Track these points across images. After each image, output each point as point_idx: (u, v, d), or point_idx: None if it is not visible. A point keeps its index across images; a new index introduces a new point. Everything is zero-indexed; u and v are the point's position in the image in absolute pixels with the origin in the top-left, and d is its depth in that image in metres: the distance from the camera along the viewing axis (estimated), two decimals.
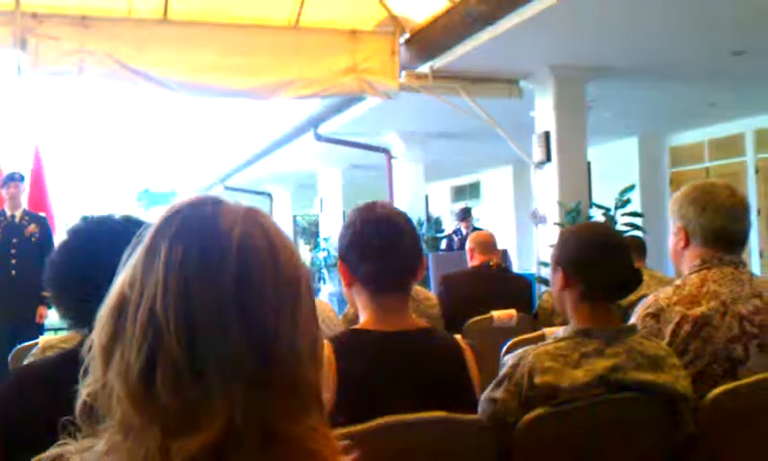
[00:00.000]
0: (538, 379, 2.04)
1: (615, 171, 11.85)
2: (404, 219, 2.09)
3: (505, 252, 9.61)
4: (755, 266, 11.02)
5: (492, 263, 4.98)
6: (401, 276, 2.05)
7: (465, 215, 11.87)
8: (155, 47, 6.59)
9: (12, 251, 6.33)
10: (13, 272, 6.35)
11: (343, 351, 1.92)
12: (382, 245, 2.01)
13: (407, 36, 7.22)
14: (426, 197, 13.12)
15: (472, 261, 5.09)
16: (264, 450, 0.85)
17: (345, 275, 2.07)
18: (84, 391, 0.90)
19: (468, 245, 5.22)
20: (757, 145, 11.21)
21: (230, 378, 0.84)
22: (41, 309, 6.12)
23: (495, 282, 4.92)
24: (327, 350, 1.88)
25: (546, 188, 7.86)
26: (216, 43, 6.77)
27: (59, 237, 6.48)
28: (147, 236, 0.91)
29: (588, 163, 8.07)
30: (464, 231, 11.46)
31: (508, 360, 2.16)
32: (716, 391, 2.17)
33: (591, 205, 7.81)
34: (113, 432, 0.87)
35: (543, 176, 7.91)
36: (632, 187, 7.67)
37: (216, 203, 0.93)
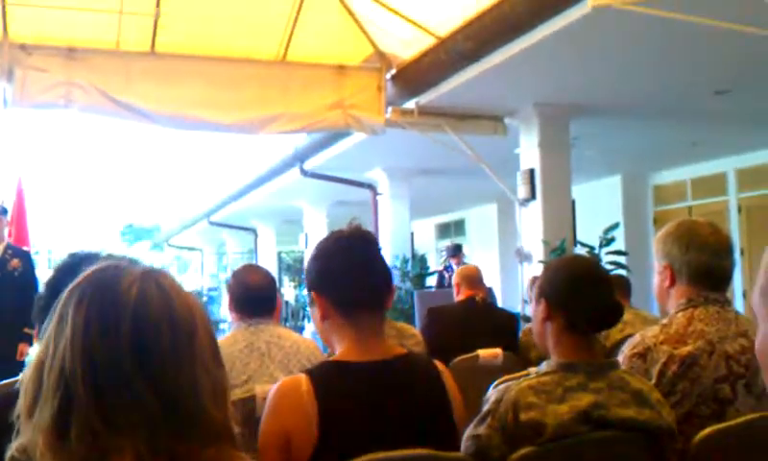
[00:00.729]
0: (523, 416, 2.03)
1: (599, 209, 11.94)
2: (374, 238, 2.10)
3: (490, 289, 9.61)
4: (738, 306, 11.07)
5: (477, 298, 5.00)
6: (377, 291, 2.04)
7: (456, 251, 11.93)
8: (142, 80, 6.59)
9: None
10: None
11: (324, 387, 1.88)
12: (356, 262, 2.01)
13: (393, 71, 7.26)
14: (411, 234, 13.12)
15: (458, 295, 5.11)
16: None
17: (320, 306, 2.05)
18: (13, 447, 1.03)
19: (454, 279, 5.24)
20: (740, 184, 11.33)
21: (136, 423, 0.97)
22: (22, 346, 5.91)
23: (481, 316, 4.93)
24: (305, 385, 1.86)
25: (531, 226, 7.89)
26: (203, 77, 6.78)
27: (41, 272, 6.38)
28: (58, 306, 1.05)
29: (573, 201, 8.12)
30: (455, 268, 11.49)
31: (491, 396, 2.15)
32: (705, 432, 2.15)
33: (576, 243, 7.84)
34: None
35: (528, 213, 7.94)
36: (616, 225, 7.73)
37: (117, 268, 1.08)
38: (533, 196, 7.78)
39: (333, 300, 2.02)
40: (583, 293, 2.20)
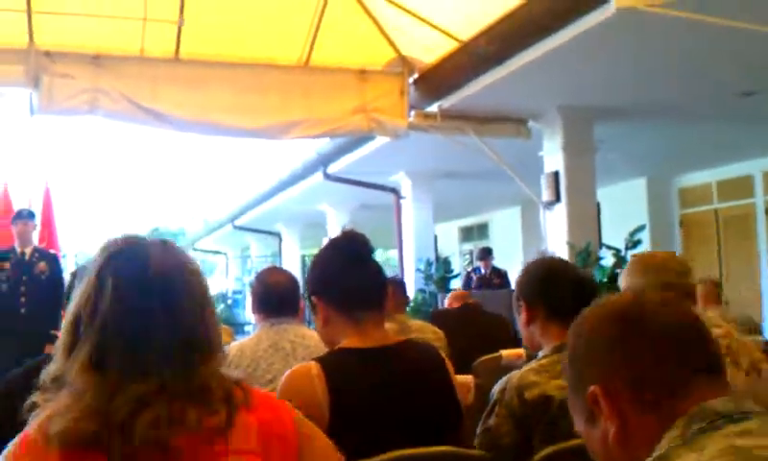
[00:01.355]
0: (528, 395, 2.13)
1: (624, 212, 11.82)
2: (366, 240, 2.20)
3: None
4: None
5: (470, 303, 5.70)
6: (373, 289, 2.14)
7: (485, 255, 11.86)
8: (166, 86, 6.64)
9: (22, 288, 6.20)
10: (23, 310, 6.21)
11: (333, 371, 1.94)
12: (351, 263, 2.12)
13: (416, 76, 7.26)
14: (435, 237, 13.09)
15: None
16: (188, 399, 1.22)
17: (321, 310, 2.14)
18: (47, 374, 1.26)
19: (447, 300, 5.90)
20: (767, 186, 11.17)
21: (160, 353, 1.21)
22: (49, 348, 5.97)
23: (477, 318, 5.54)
24: (315, 370, 1.93)
25: (556, 229, 7.84)
26: (227, 82, 6.82)
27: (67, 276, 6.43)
28: (93, 267, 1.29)
29: (598, 204, 8.06)
30: (482, 271, 11.49)
31: (495, 389, 2.27)
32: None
33: (601, 245, 7.78)
34: (71, 392, 1.21)
35: (553, 216, 7.90)
36: (642, 228, 7.66)
37: (141, 237, 1.35)
38: (557, 199, 7.74)
39: (333, 301, 2.11)
40: (554, 280, 2.35)
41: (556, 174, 7.74)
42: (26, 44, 6.29)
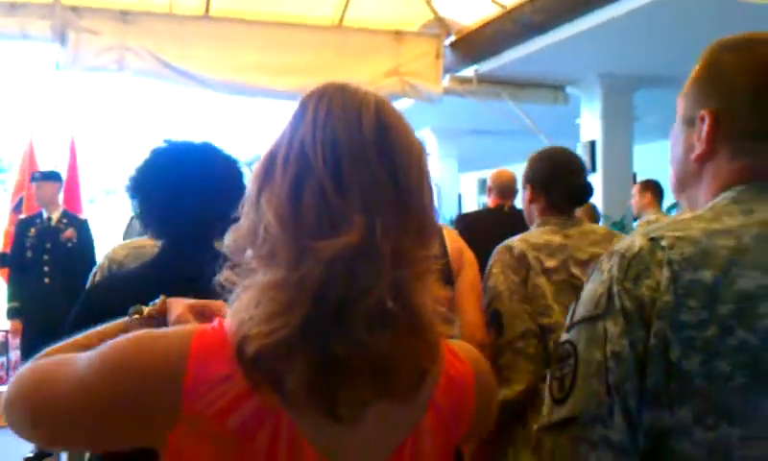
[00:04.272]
0: (515, 251, 2.55)
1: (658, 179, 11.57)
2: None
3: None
4: None
5: (506, 207, 5.08)
6: None
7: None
8: (195, 44, 6.43)
9: (45, 257, 5.84)
10: (47, 280, 5.82)
11: None
12: None
13: (452, 38, 7.01)
14: (459, 195, 12.91)
15: (488, 200, 5.19)
16: (393, 267, 0.95)
17: None
18: (230, 238, 1.03)
19: (488, 182, 5.24)
20: None
21: (370, 200, 0.96)
22: None
23: (509, 224, 4.90)
24: None
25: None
26: (258, 41, 6.59)
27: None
28: (296, 110, 1.05)
29: (634, 174, 7.85)
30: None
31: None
32: None
33: (636, 218, 7.60)
34: (260, 264, 0.99)
35: None
36: (676, 205, 7.47)
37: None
38: (593, 168, 7.54)
39: None
40: (559, 176, 2.63)
41: (593, 143, 7.53)
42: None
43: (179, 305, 1.23)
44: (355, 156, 0.98)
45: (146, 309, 1.25)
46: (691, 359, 1.03)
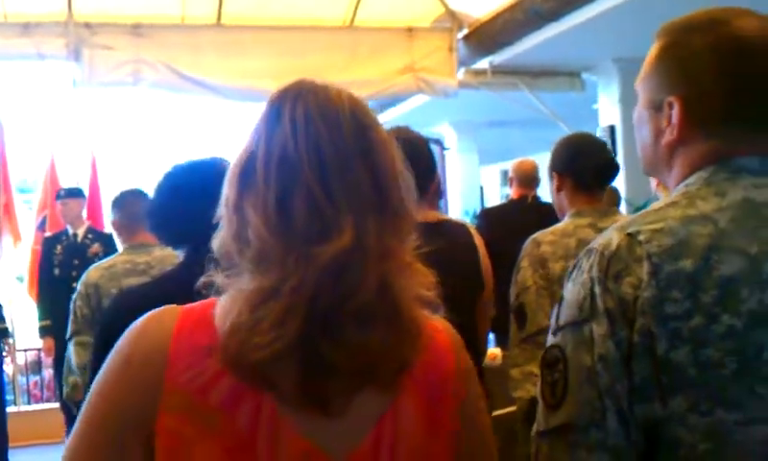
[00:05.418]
0: (543, 246, 2.63)
1: None
2: (419, 136, 2.44)
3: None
4: None
5: (530, 198, 5.04)
6: (421, 179, 2.41)
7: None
8: (209, 53, 6.47)
9: (74, 273, 5.68)
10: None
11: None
12: (404, 154, 2.32)
13: (465, 31, 6.98)
14: (481, 188, 12.85)
15: (511, 190, 5.14)
16: (380, 263, 0.99)
17: None
18: (216, 244, 1.05)
19: (509, 173, 5.17)
20: None
21: (356, 202, 0.99)
22: None
23: (533, 216, 4.78)
24: None
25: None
26: (270, 47, 6.61)
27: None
28: (264, 112, 1.06)
29: None
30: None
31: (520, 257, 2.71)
32: None
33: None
34: (248, 269, 0.99)
35: None
36: None
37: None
38: (614, 153, 7.47)
39: None
40: (583, 154, 2.65)
41: (612, 128, 7.45)
42: (65, 17, 6.15)
43: None
44: (339, 159, 1.00)
45: None
46: (679, 350, 1.02)
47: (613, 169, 2.70)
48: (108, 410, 1.00)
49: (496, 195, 17.77)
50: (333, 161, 1.00)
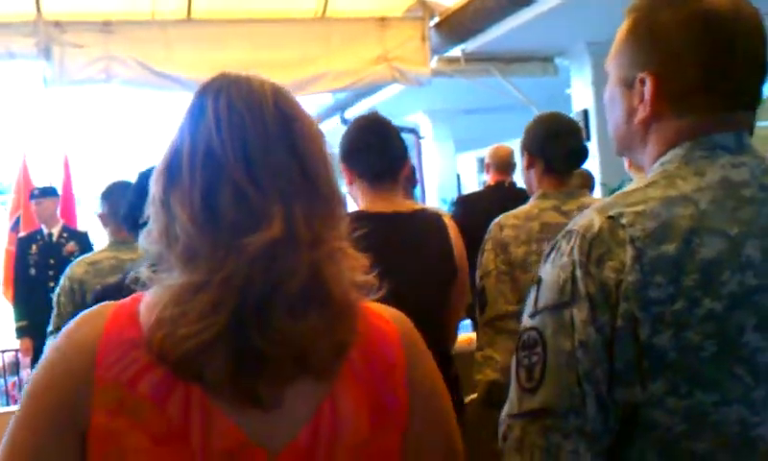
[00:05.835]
0: (505, 228, 2.65)
1: None
2: (389, 123, 2.50)
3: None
4: None
5: (506, 184, 5.00)
6: (393, 164, 2.44)
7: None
8: (180, 48, 6.41)
9: (51, 273, 5.75)
10: (52, 295, 5.77)
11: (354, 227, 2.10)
12: (375, 140, 2.43)
13: (437, 19, 6.98)
14: (458, 176, 12.87)
15: (487, 176, 5.10)
16: (311, 250, 0.99)
17: (347, 174, 2.46)
18: (145, 241, 1.04)
19: (485, 159, 5.13)
20: None
21: (284, 190, 0.99)
22: None
23: (510, 200, 4.79)
24: None
25: (586, 167, 7.62)
26: (242, 40, 6.56)
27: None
28: (189, 106, 1.05)
29: None
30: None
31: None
32: None
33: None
34: (176, 265, 0.99)
35: None
36: None
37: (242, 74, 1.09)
38: (587, 137, 7.51)
39: (356, 170, 2.45)
40: (556, 139, 2.66)
41: (585, 112, 7.50)
42: (34, 16, 6.08)
43: None
44: (264, 150, 1.00)
45: None
46: (662, 335, 1.03)
47: (584, 154, 2.73)
48: (38, 410, 0.99)
49: (473, 182, 17.79)
50: (258, 152, 1.00)
